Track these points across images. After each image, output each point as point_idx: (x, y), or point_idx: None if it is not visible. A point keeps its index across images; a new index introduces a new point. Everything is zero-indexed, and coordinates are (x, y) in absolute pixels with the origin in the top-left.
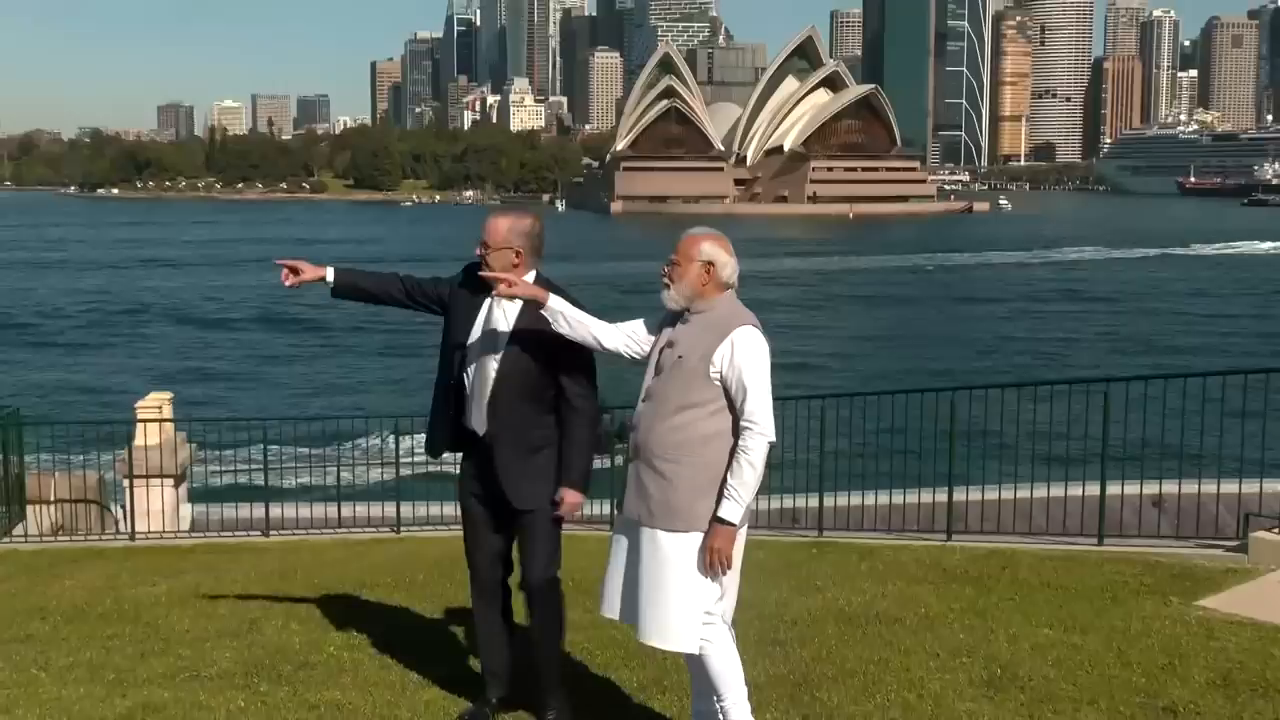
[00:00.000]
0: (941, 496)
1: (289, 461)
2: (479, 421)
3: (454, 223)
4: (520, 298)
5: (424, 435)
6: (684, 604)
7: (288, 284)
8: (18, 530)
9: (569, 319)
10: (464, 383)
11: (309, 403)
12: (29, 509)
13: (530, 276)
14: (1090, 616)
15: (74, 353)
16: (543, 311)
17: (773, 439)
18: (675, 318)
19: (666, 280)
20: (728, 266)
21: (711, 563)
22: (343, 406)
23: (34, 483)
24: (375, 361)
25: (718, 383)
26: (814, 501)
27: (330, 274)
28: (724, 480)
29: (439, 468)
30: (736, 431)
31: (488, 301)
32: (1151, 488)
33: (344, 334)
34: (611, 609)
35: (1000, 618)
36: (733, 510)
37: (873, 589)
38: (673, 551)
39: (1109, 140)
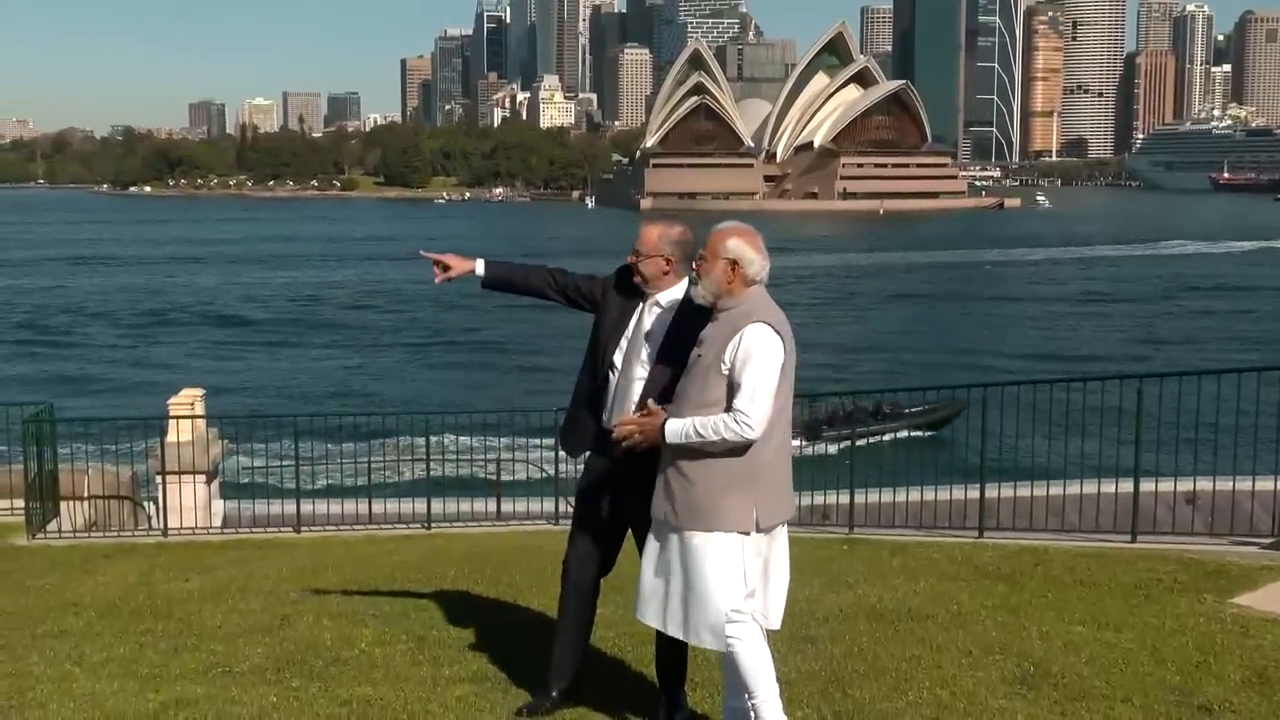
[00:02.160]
0: (973, 493)
1: (320, 458)
2: None
3: (478, 220)
4: (644, 443)
5: (443, 435)
6: (710, 602)
7: (438, 281)
8: (51, 526)
9: (697, 428)
10: (608, 384)
11: (340, 400)
12: (62, 505)
13: (682, 285)
14: (1124, 614)
15: (107, 350)
16: (669, 441)
17: (754, 438)
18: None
19: (695, 275)
20: (754, 263)
21: (621, 426)
22: (373, 403)
23: (67, 479)
24: (407, 359)
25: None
26: (845, 498)
27: (480, 267)
28: (697, 421)
29: (471, 470)
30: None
31: (640, 305)
32: (1185, 484)
33: (376, 333)
34: (644, 613)
35: (1033, 615)
36: (678, 429)
37: (904, 586)
38: (697, 550)
39: (1141, 136)
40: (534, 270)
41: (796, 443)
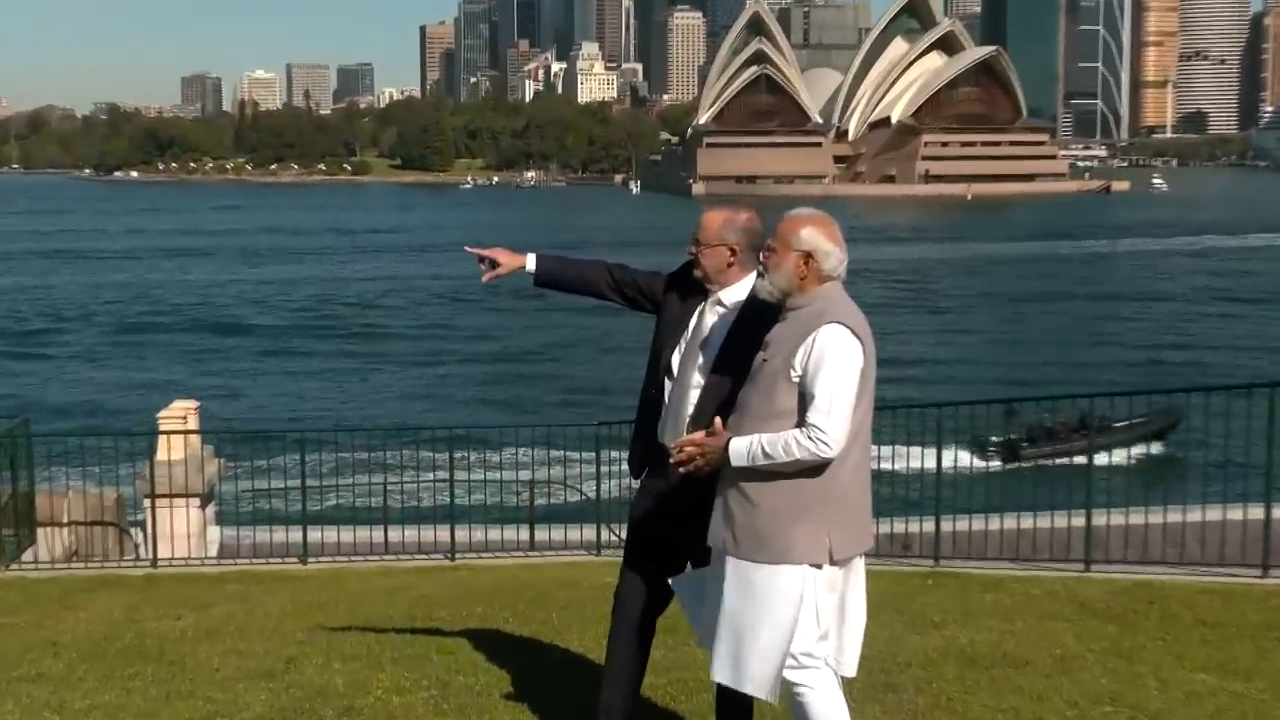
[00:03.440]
0: (1078, 520)
1: (329, 480)
2: (673, 437)
3: (508, 207)
4: (706, 468)
5: (469, 452)
6: (769, 644)
7: (485, 279)
8: (27, 556)
9: (765, 448)
10: (664, 393)
11: (351, 413)
12: (39, 532)
13: (748, 281)
14: (1254, 659)
15: (89, 357)
16: (735, 464)
17: (832, 456)
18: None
19: (762, 268)
20: (831, 256)
21: (682, 449)
22: (390, 417)
23: (45, 503)
24: (427, 367)
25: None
26: (929, 526)
27: (531, 262)
28: (765, 439)
29: (500, 493)
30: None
31: (700, 305)
32: None
33: (393, 337)
34: (707, 641)
35: (1148, 660)
36: (743, 449)
37: (999, 626)
38: (758, 585)
39: (1270, 108)
40: (590, 266)
41: (997, 463)
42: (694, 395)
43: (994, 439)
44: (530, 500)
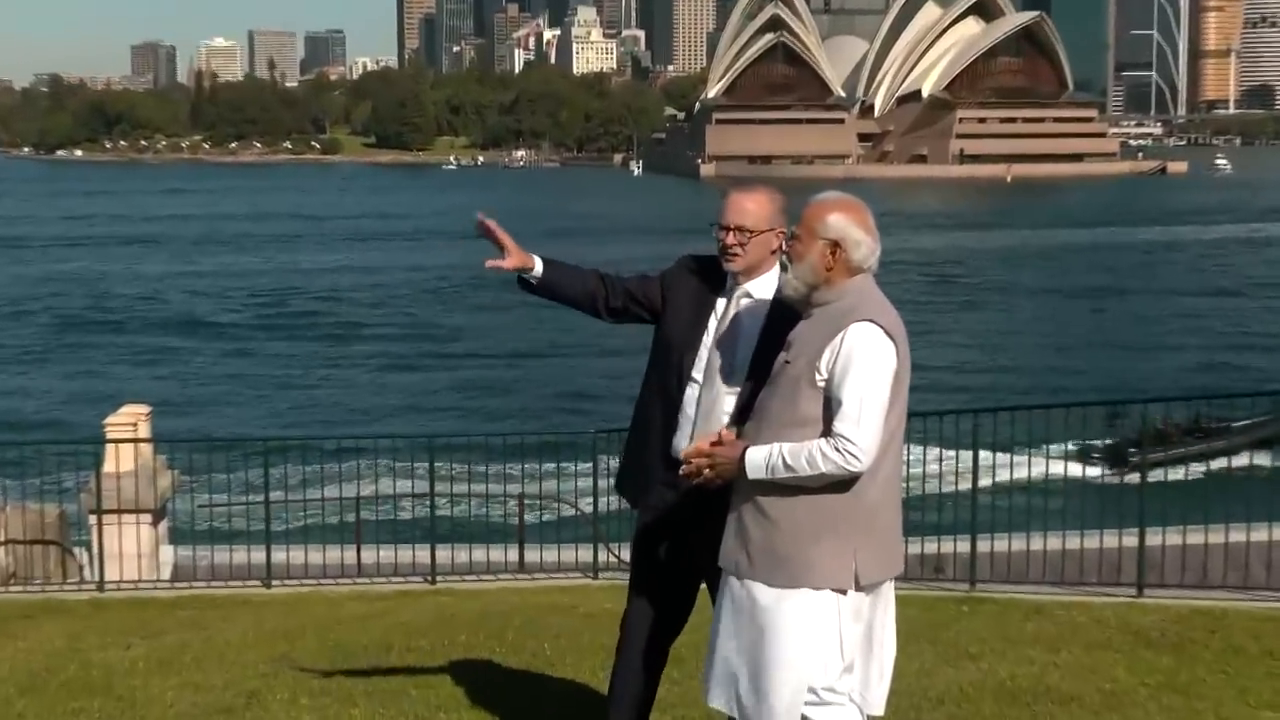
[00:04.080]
0: (1130, 540)
1: (295, 494)
2: None
3: (495, 190)
4: (718, 480)
5: (450, 463)
6: (787, 678)
7: (488, 265)
8: None
9: (786, 459)
10: (683, 403)
11: (320, 420)
12: None
13: (774, 271)
14: None
15: (26, 359)
16: (751, 476)
17: (862, 469)
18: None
19: (785, 259)
20: (861, 246)
21: (691, 459)
22: (363, 424)
23: None
24: (402, 372)
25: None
26: (965, 545)
27: (540, 268)
28: (787, 450)
29: (486, 509)
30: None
31: (721, 300)
32: None
33: (366, 336)
34: (713, 696)
35: (1208, 696)
36: (761, 460)
37: (1042, 657)
38: (776, 610)
39: None
40: (586, 278)
41: (1096, 470)
42: (728, 400)
43: (1099, 443)
44: (520, 517)
